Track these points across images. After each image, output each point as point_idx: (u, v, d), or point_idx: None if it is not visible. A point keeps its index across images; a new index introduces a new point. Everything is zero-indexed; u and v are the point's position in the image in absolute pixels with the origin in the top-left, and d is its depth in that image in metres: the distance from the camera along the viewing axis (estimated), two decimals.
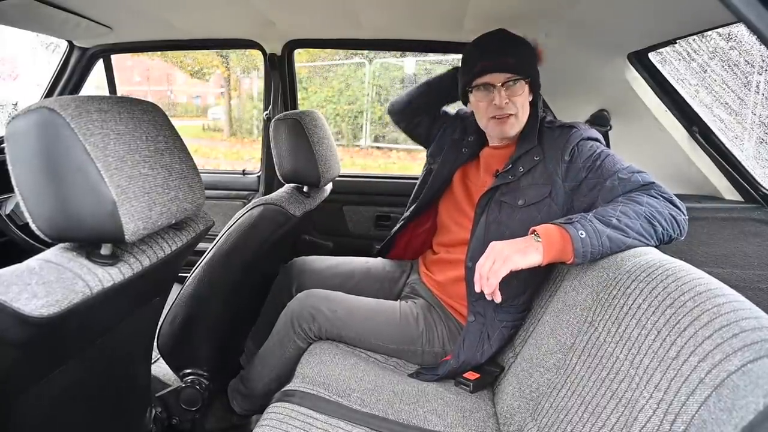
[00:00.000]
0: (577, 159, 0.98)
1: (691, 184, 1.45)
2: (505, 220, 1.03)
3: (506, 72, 1.02)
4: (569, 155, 0.99)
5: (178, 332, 1.11)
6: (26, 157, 0.57)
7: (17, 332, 0.54)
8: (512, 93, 1.03)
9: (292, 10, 1.41)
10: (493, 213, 1.05)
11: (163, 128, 0.72)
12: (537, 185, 1.01)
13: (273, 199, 1.17)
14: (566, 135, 1.01)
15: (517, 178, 1.03)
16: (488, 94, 1.04)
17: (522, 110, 1.05)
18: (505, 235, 1.00)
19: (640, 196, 0.89)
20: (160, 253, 0.71)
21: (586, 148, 0.98)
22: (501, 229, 1.03)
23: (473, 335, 1.05)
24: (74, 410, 0.77)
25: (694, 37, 1.24)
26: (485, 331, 1.04)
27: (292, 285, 1.31)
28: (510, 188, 1.04)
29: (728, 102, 1.44)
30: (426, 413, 0.93)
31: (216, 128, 8.82)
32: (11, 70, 3.83)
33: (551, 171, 1.00)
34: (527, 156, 1.04)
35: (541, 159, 1.02)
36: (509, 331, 1.05)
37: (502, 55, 1.03)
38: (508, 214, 1.03)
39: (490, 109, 1.05)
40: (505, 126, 1.05)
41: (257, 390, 1.15)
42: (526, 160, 1.03)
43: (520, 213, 1.02)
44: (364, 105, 6.75)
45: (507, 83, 1.03)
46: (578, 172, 0.97)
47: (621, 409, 0.61)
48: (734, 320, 0.53)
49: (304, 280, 1.30)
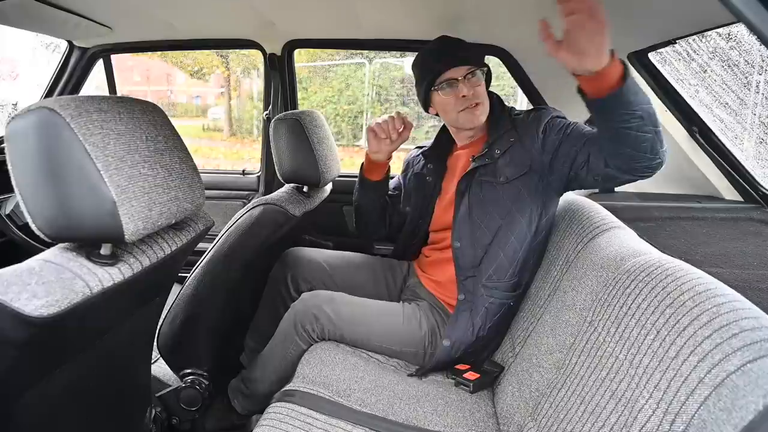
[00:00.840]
0: (551, 132, 1.04)
1: (691, 184, 1.45)
2: (489, 197, 1.08)
3: (465, 65, 1.09)
4: (542, 131, 1.04)
5: (178, 332, 1.11)
6: (26, 157, 0.57)
7: (17, 332, 0.54)
8: (474, 83, 1.10)
9: (292, 10, 1.41)
10: (475, 193, 1.09)
11: (163, 128, 0.71)
12: (515, 162, 1.06)
13: (273, 199, 1.17)
14: (538, 114, 1.08)
15: (494, 160, 1.08)
16: (453, 89, 1.10)
17: (485, 98, 1.12)
18: (491, 212, 1.07)
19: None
20: (160, 253, 0.71)
21: (556, 122, 1.05)
22: (486, 207, 1.08)
23: (463, 314, 1.07)
24: (74, 410, 0.77)
25: (694, 37, 1.24)
26: (473, 308, 1.07)
27: (288, 274, 1.31)
28: (488, 169, 1.09)
29: (728, 102, 1.44)
30: (426, 413, 0.93)
31: (216, 128, 8.83)
32: (11, 70, 3.83)
33: (528, 147, 1.05)
34: (502, 139, 1.09)
35: (517, 139, 1.07)
36: (497, 309, 1.07)
37: (456, 52, 1.11)
38: (491, 192, 1.08)
39: (459, 102, 1.10)
40: (476, 112, 1.11)
41: (259, 390, 1.16)
42: (501, 143, 1.08)
43: (503, 189, 1.07)
44: (364, 105, 6.75)
45: (467, 75, 1.09)
46: (553, 142, 1.02)
47: (621, 408, 0.61)
48: (734, 320, 0.53)
49: (299, 270, 1.31)
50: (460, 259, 1.10)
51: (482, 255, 1.07)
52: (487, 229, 1.07)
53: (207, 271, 1.11)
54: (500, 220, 1.06)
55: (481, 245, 1.08)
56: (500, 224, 1.06)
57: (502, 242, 1.06)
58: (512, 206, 1.06)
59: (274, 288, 1.33)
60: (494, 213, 1.07)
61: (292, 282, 1.30)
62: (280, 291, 1.30)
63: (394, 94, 6.69)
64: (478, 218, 1.08)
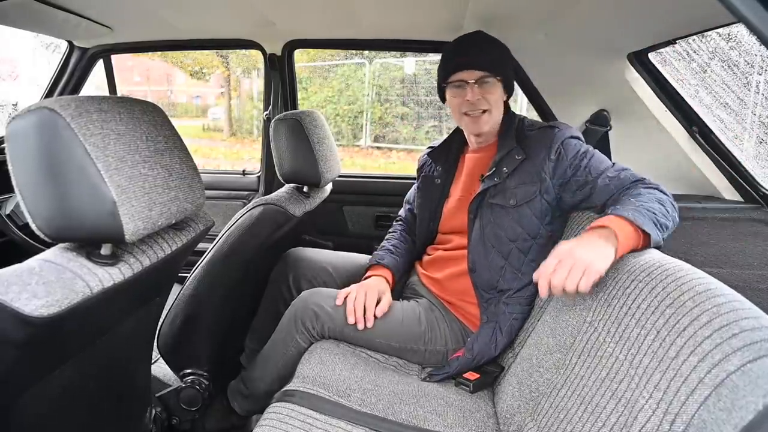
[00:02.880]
0: (564, 157, 1.01)
1: (691, 184, 1.45)
2: (499, 221, 1.06)
3: (479, 69, 1.06)
4: (555, 154, 1.01)
5: (178, 332, 1.11)
6: (26, 157, 0.57)
7: (17, 332, 0.54)
8: (485, 91, 1.06)
9: (292, 10, 1.41)
10: (486, 216, 1.07)
11: (163, 128, 0.72)
12: (525, 184, 1.03)
13: (273, 199, 1.17)
14: (550, 135, 1.04)
15: (503, 179, 1.05)
16: (461, 90, 1.08)
17: (495, 107, 1.09)
18: (501, 236, 1.05)
19: (637, 188, 0.92)
20: (160, 253, 0.72)
21: (570, 146, 1.01)
22: (496, 231, 1.06)
23: (486, 332, 1.06)
24: (74, 410, 0.77)
25: (694, 37, 1.24)
26: (497, 326, 1.06)
27: (289, 274, 1.31)
28: (498, 190, 1.06)
29: (728, 102, 1.44)
30: (426, 413, 0.93)
31: (216, 128, 8.82)
32: (11, 70, 3.83)
33: (538, 169, 1.02)
34: (508, 157, 1.06)
35: (524, 158, 1.04)
36: (519, 323, 1.07)
37: (476, 54, 1.07)
38: (501, 216, 1.05)
39: (464, 106, 1.09)
40: (479, 122, 1.09)
41: (259, 390, 1.15)
42: (508, 161, 1.05)
43: (513, 212, 1.04)
44: (364, 105, 6.75)
45: (480, 80, 1.06)
46: (565, 169, 1.00)
47: (621, 408, 0.61)
48: (734, 320, 0.53)
49: (300, 270, 1.31)
50: (479, 284, 1.09)
51: (498, 278, 1.06)
52: (500, 252, 1.06)
53: (207, 271, 1.11)
54: (511, 243, 1.05)
55: (496, 268, 1.06)
56: (512, 247, 1.05)
57: (515, 263, 1.05)
58: (523, 230, 1.04)
59: (275, 289, 1.33)
60: (505, 237, 1.05)
61: (294, 283, 1.29)
62: (282, 292, 1.30)
63: (394, 94, 6.69)
64: (490, 242, 1.06)
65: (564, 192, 1.01)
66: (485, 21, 1.31)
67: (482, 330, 1.07)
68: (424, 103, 6.46)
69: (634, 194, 0.90)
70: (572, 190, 1.00)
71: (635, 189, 0.93)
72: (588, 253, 0.77)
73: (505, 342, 1.06)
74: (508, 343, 1.06)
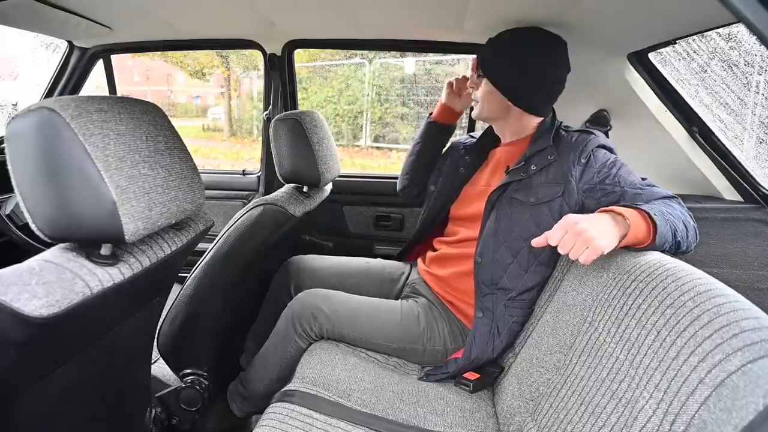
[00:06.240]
0: (593, 164, 1.00)
1: (691, 184, 1.45)
2: (516, 216, 1.04)
3: (480, 66, 1.14)
4: (585, 158, 1.01)
5: (178, 332, 1.11)
6: (26, 158, 0.57)
7: (17, 332, 0.54)
8: (479, 84, 1.15)
9: (292, 10, 1.41)
10: (503, 209, 1.06)
11: (163, 128, 0.71)
12: (549, 184, 1.03)
13: (273, 199, 1.17)
14: (583, 140, 1.03)
15: (529, 176, 1.05)
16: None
17: (485, 103, 1.14)
18: (515, 232, 1.04)
19: (672, 203, 0.93)
20: (160, 253, 0.71)
21: (600, 154, 1.01)
22: (511, 226, 1.05)
23: (483, 331, 1.05)
24: (74, 410, 0.77)
25: (694, 37, 1.24)
26: (494, 327, 1.05)
27: (291, 283, 1.31)
28: (522, 185, 1.05)
29: (728, 102, 1.44)
30: (426, 413, 0.93)
31: (216, 128, 8.81)
32: (11, 70, 3.82)
33: (565, 171, 1.01)
34: (540, 155, 1.05)
35: (555, 159, 1.04)
36: (518, 327, 1.06)
37: (485, 51, 1.14)
38: (519, 211, 1.04)
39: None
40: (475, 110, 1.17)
41: (258, 391, 1.15)
42: (539, 159, 1.05)
43: (531, 210, 1.03)
44: (364, 105, 6.74)
45: (478, 75, 1.15)
46: (593, 176, 0.99)
47: (621, 409, 0.61)
48: (734, 320, 0.53)
49: (302, 279, 1.30)
50: (481, 277, 1.07)
51: (502, 274, 1.05)
52: (510, 248, 1.04)
53: (207, 272, 1.11)
54: (523, 242, 1.03)
55: (502, 264, 1.05)
56: (522, 246, 1.03)
57: (523, 263, 1.04)
58: (537, 229, 1.02)
59: (276, 298, 1.32)
60: (519, 234, 1.04)
61: (296, 292, 1.28)
62: (284, 301, 1.25)
63: (394, 95, 6.68)
64: (502, 236, 1.05)
65: (588, 198, 1.00)
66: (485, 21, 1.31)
67: (478, 331, 1.06)
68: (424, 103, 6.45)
69: (668, 204, 0.91)
70: (597, 197, 0.99)
71: (671, 201, 0.93)
72: (593, 229, 0.78)
73: (504, 345, 1.05)
74: (506, 346, 1.06)
